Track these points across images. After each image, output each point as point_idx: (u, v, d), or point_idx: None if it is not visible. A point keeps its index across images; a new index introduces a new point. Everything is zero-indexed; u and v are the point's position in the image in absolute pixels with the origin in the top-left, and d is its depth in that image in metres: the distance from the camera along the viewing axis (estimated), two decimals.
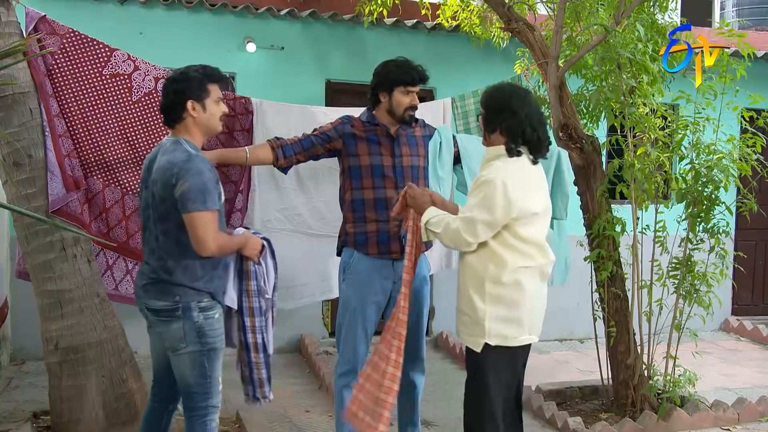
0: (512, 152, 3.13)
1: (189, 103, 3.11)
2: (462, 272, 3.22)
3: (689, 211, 4.77)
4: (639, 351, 4.85)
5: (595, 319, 5.02)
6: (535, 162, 3.21)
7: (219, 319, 3.20)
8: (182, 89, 3.11)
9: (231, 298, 3.29)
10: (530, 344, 3.26)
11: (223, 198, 3.22)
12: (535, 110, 3.20)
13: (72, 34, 4.13)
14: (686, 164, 4.78)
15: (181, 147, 3.08)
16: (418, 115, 3.93)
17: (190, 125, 3.15)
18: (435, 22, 6.74)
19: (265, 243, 3.41)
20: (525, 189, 3.07)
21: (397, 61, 3.79)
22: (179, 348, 3.11)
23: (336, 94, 6.75)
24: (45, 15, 4.08)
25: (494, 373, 3.15)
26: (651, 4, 5.04)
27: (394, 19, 6.68)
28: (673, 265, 4.83)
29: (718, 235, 4.76)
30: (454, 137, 4.19)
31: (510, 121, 3.12)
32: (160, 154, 3.12)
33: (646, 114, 4.74)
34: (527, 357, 3.32)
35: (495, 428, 3.18)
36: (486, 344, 3.10)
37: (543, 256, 3.16)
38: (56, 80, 4.11)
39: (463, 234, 3.06)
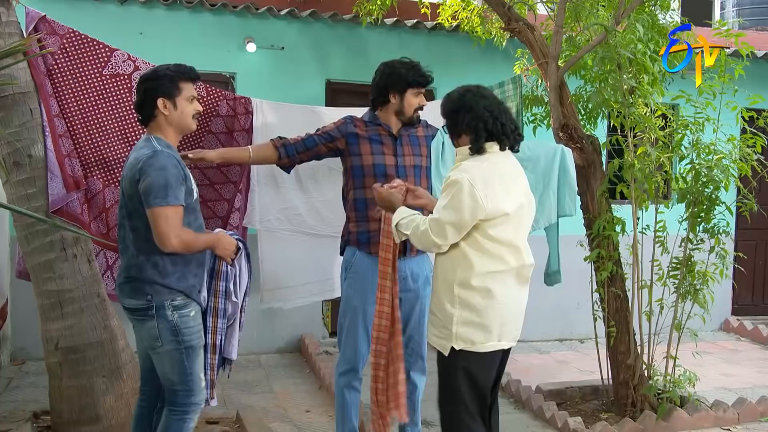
0: (477, 149, 3.06)
1: (160, 101, 3.14)
2: (434, 274, 3.18)
3: (690, 211, 4.77)
4: (639, 351, 4.85)
5: (595, 319, 5.02)
6: (507, 149, 3.13)
7: (195, 316, 3.20)
8: (153, 87, 3.15)
9: (203, 297, 3.29)
10: (506, 350, 3.18)
11: (195, 195, 3.22)
12: (493, 101, 3.13)
13: (72, 34, 4.12)
14: (686, 164, 4.78)
15: (150, 144, 3.11)
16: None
17: (163, 123, 3.18)
18: (435, 22, 6.75)
19: (240, 245, 3.41)
20: (494, 188, 2.99)
21: (403, 62, 3.80)
22: (156, 347, 3.13)
23: (336, 94, 6.75)
24: (45, 15, 4.07)
25: (464, 378, 3.07)
26: (652, 4, 5.03)
27: (394, 19, 6.68)
28: (674, 265, 4.83)
29: (719, 235, 4.76)
30: None
31: (469, 117, 3.07)
32: (132, 152, 3.16)
33: (646, 114, 4.74)
34: (502, 364, 3.23)
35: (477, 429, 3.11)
36: (453, 348, 3.05)
37: (517, 259, 3.08)
38: (56, 80, 4.09)
39: (432, 236, 3.01)
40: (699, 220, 4.77)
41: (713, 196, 4.70)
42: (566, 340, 7.40)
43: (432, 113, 4.42)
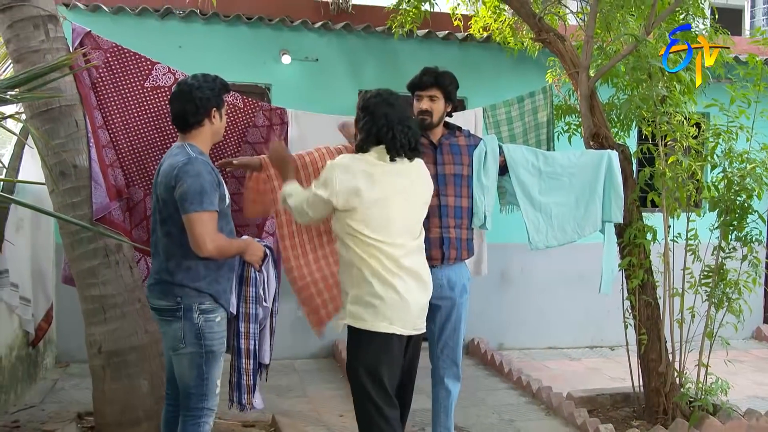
0: (361, 149, 3.32)
1: (213, 111, 3.25)
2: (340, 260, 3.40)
3: (722, 219, 4.77)
4: (670, 359, 4.85)
5: (626, 327, 5.03)
6: (393, 159, 3.31)
7: (220, 323, 3.24)
8: (208, 97, 3.23)
9: (231, 303, 3.36)
10: (409, 336, 3.34)
11: (227, 200, 3.29)
12: (397, 111, 3.32)
13: (115, 49, 4.25)
14: (719, 173, 4.78)
15: (184, 151, 3.17)
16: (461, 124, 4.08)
17: (206, 132, 3.27)
18: (466, 34, 6.82)
19: (267, 251, 3.48)
20: (361, 175, 3.22)
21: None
22: (179, 348, 3.18)
23: None
24: (90, 30, 4.21)
25: (358, 356, 3.28)
26: (682, 13, 5.05)
27: (426, 30, 6.77)
28: (705, 273, 4.82)
29: (751, 244, 4.75)
30: (500, 147, 4.21)
31: (366, 119, 3.31)
32: (166, 159, 3.23)
33: (679, 122, 4.75)
34: (409, 351, 3.42)
35: (381, 418, 3.27)
36: (346, 325, 3.26)
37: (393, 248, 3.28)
38: (100, 93, 4.23)
39: (304, 206, 3.30)
40: (731, 228, 4.76)
41: (746, 204, 4.69)
42: (597, 347, 7.42)
43: (462, 123, 4.52)
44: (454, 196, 3.85)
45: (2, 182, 4.50)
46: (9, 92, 3.10)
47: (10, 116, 3.67)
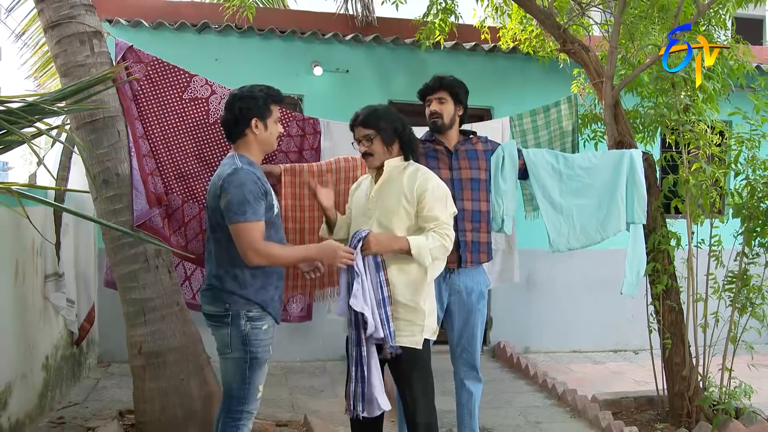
0: (411, 157, 3.57)
1: (254, 121, 3.30)
2: (398, 278, 3.40)
3: (745, 225, 4.82)
4: (694, 363, 4.91)
5: (650, 331, 5.09)
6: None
7: (267, 330, 3.29)
8: (249, 107, 3.29)
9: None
10: None
11: (275, 210, 3.34)
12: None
13: (156, 62, 4.41)
14: (742, 180, 4.85)
15: (232, 161, 3.25)
16: (480, 132, 4.21)
17: (251, 141, 3.33)
18: (492, 44, 6.92)
19: (355, 247, 3.33)
20: None
21: None
22: (225, 353, 3.29)
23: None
24: (132, 45, 4.38)
25: (429, 365, 3.49)
26: (704, 24, 5.13)
27: (453, 42, 6.89)
28: (729, 278, 4.87)
29: None
30: (519, 151, 4.31)
31: (408, 130, 3.55)
32: (218, 169, 3.33)
33: (703, 131, 4.82)
34: None
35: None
36: (425, 340, 3.42)
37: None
38: (141, 104, 4.39)
39: (448, 240, 3.41)
40: (755, 234, 4.81)
41: None
42: (621, 351, 7.48)
43: (489, 132, 4.64)
44: (471, 200, 3.96)
45: (54, 191, 4.70)
46: (57, 104, 3.22)
47: (58, 127, 3.84)
